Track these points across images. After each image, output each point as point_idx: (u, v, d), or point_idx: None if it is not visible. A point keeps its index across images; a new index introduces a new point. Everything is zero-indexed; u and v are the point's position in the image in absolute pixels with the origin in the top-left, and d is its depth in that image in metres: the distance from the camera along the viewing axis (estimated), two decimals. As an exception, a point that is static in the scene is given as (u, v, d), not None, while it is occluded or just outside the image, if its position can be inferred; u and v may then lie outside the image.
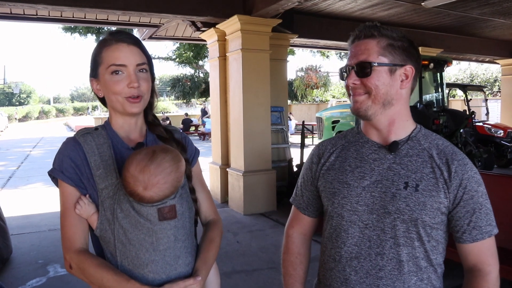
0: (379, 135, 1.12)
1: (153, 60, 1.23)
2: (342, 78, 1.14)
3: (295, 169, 6.30)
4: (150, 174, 0.99)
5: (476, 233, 1.03)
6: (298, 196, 1.28)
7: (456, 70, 23.82)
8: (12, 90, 43.61)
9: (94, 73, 1.14)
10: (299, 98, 18.66)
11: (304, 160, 5.87)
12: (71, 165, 1.08)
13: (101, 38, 1.18)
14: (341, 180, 1.11)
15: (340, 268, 1.10)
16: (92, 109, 45.78)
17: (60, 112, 49.54)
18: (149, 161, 1.00)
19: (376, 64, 1.04)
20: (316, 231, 1.32)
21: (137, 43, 1.14)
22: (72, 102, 63.36)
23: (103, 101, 1.19)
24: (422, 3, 5.73)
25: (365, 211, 1.07)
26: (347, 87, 1.11)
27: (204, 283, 1.12)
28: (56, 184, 1.13)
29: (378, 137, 1.12)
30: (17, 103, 54.82)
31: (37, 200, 6.77)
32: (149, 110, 1.23)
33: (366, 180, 1.08)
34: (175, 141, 1.21)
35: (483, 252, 1.05)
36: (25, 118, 43.21)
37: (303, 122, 7.42)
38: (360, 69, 1.06)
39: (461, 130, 6.35)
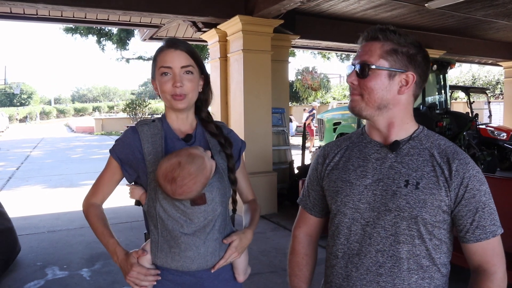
0: (381, 135, 1.14)
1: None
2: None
3: (296, 171, 6.25)
4: (176, 186, 1.15)
5: (480, 232, 1.03)
6: (305, 196, 1.30)
7: (458, 72, 23.78)
8: (13, 90, 43.59)
9: (153, 75, 1.32)
10: (302, 100, 18.63)
11: (306, 162, 5.82)
12: (125, 149, 1.30)
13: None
14: (344, 179, 1.14)
15: (342, 265, 1.12)
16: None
17: (61, 113, 49.62)
18: (176, 173, 1.15)
19: (374, 67, 1.06)
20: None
21: (185, 48, 1.29)
22: (73, 103, 63.47)
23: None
24: (425, 4, 5.68)
25: (366, 208, 1.09)
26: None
27: (251, 235, 1.36)
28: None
29: (380, 137, 1.14)
30: (18, 104, 54.88)
31: (36, 201, 6.74)
32: (203, 107, 1.39)
33: (368, 178, 1.10)
34: (223, 137, 1.36)
35: (488, 252, 1.04)
36: (26, 118, 43.25)
37: (304, 124, 7.38)
38: (360, 70, 1.08)
39: (464, 133, 6.31)
